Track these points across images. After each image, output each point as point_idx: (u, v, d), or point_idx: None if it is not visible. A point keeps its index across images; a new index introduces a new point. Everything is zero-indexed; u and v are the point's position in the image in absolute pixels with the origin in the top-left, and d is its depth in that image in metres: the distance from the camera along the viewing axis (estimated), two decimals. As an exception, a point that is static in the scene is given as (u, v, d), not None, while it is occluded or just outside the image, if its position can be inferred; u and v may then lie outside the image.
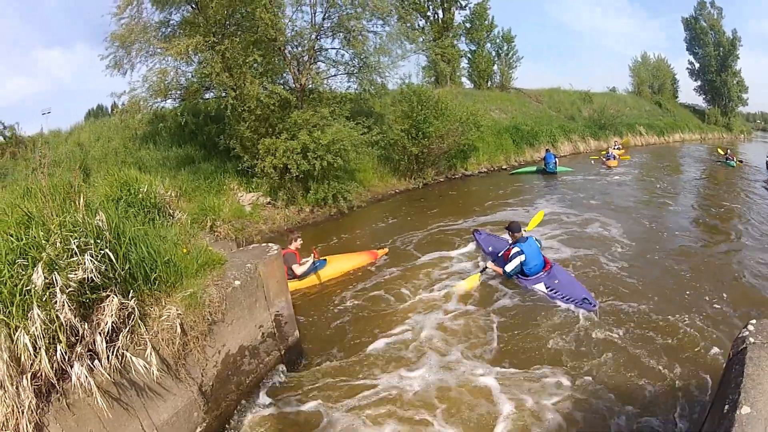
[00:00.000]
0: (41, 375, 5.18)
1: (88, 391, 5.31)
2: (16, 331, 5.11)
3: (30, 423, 5.02)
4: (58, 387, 5.27)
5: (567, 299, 10.93)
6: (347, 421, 7.49)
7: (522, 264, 11.94)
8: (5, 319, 5.15)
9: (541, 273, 11.90)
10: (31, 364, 5.15)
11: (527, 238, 12.36)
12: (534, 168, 31.39)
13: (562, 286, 11.34)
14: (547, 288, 11.45)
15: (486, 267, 12.66)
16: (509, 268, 11.92)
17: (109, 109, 31.93)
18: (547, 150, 32.22)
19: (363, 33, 21.14)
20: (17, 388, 5.04)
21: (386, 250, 14.74)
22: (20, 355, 5.08)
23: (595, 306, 10.58)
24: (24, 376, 5.09)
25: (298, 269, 12.21)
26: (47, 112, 26.28)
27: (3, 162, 22.39)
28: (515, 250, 11.99)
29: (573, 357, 8.83)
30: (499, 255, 12.91)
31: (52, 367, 5.18)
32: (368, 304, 11.62)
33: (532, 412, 7.44)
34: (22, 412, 4.99)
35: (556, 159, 30.88)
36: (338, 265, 13.42)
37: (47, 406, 5.22)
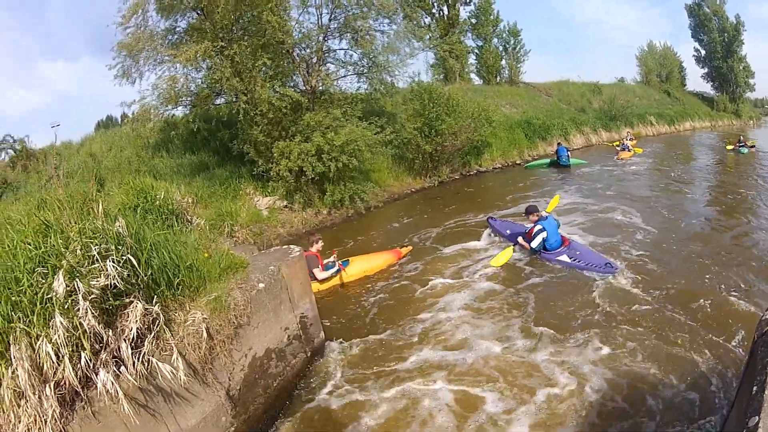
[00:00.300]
0: (65, 383, 5.09)
1: (114, 398, 5.22)
2: (38, 339, 5.04)
3: None
4: (82, 395, 5.19)
5: (591, 266, 11.64)
6: (392, 399, 7.68)
7: (544, 240, 12.71)
8: (26, 328, 5.07)
9: (562, 248, 12.67)
10: (54, 373, 5.05)
11: (546, 217, 13.16)
12: (547, 161, 31.17)
13: (583, 256, 12.13)
14: (570, 258, 12.16)
15: (516, 242, 13.30)
16: (534, 243, 12.68)
17: (119, 119, 31.91)
18: (558, 144, 31.85)
19: (370, 32, 20.85)
20: (39, 397, 4.93)
21: (410, 248, 14.51)
22: (42, 363, 5.00)
23: (617, 269, 11.36)
24: (47, 385, 4.98)
25: (320, 274, 12.05)
26: (56, 125, 26.28)
27: (15, 175, 22.49)
28: (537, 227, 12.73)
29: (607, 329, 9.05)
30: (525, 233, 13.35)
31: (76, 375, 5.09)
32: (396, 295, 11.67)
33: (579, 378, 7.69)
34: (45, 422, 4.89)
35: (569, 152, 30.69)
36: (361, 265, 13.17)
37: (71, 415, 5.13)
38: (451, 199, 22.78)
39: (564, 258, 12.23)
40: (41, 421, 4.90)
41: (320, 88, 20.56)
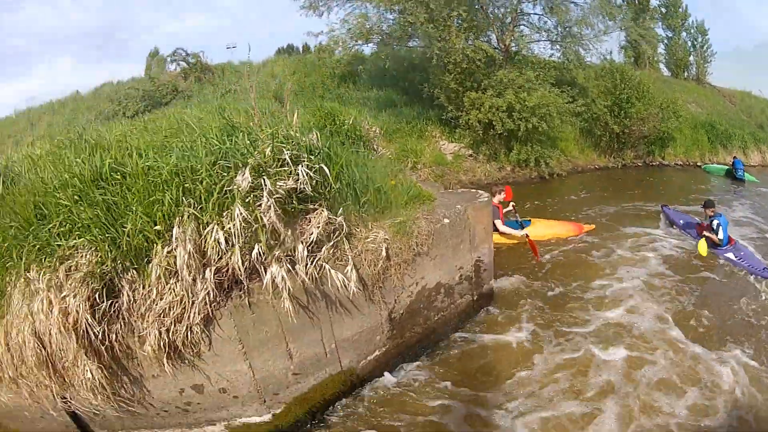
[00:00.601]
0: (226, 271, 5.12)
1: (279, 294, 5.20)
2: (207, 226, 5.10)
3: (200, 314, 4.98)
4: (244, 284, 5.22)
5: (752, 267, 11.37)
6: (558, 351, 7.64)
7: None
8: (196, 213, 5.14)
9: (729, 245, 12.34)
10: (219, 259, 5.07)
11: (720, 214, 12.78)
12: (724, 169, 28.69)
13: (747, 256, 11.92)
14: (735, 257, 11.91)
15: (705, 234, 12.55)
16: (721, 235, 12.26)
17: (300, 49, 31.97)
18: (735, 157, 29.35)
19: (565, 2, 20.12)
20: (194, 279, 4.93)
21: (593, 226, 13.56)
22: (207, 248, 5.04)
23: None
24: (207, 269, 5.00)
25: (501, 227, 11.71)
26: (233, 46, 26.87)
27: (187, 85, 23.98)
28: (716, 222, 12.39)
29: (761, 343, 8.40)
30: (699, 225, 13.23)
31: (242, 265, 5.07)
32: (571, 259, 11.42)
33: (734, 380, 7.33)
34: (193, 303, 4.93)
35: (744, 167, 28.32)
36: (542, 229, 12.63)
37: (225, 301, 5.19)
38: (632, 184, 21.54)
39: (730, 255, 11.95)
40: (188, 302, 4.90)
41: (513, 48, 19.95)
